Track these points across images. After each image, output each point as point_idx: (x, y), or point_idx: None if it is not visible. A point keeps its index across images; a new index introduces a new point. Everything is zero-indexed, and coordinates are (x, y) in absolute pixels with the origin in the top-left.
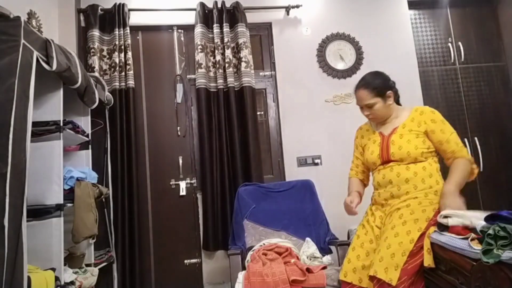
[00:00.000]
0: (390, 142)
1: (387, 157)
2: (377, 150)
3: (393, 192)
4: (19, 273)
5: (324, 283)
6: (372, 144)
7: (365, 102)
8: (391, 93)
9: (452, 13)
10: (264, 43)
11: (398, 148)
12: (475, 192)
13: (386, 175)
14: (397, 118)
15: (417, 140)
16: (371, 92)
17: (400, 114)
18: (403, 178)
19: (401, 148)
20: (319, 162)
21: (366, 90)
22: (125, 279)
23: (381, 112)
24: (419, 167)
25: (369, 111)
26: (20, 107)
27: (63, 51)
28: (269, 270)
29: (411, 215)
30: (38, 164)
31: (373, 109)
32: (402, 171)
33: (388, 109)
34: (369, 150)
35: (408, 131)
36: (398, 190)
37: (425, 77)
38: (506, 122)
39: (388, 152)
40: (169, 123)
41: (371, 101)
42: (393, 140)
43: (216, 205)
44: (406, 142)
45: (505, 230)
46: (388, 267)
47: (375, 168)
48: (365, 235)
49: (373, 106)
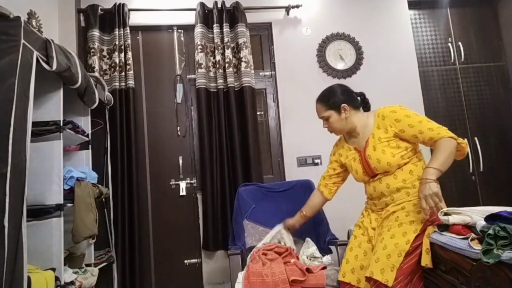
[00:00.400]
0: (367, 157)
1: (371, 172)
2: (360, 168)
3: (387, 202)
4: (19, 273)
5: (324, 283)
6: (353, 163)
7: (320, 115)
8: (346, 106)
9: (452, 13)
10: (264, 43)
11: (377, 161)
12: (475, 192)
13: (377, 187)
14: (367, 128)
15: (391, 147)
16: (324, 105)
17: (367, 122)
18: (393, 188)
19: (380, 161)
20: (319, 162)
21: (320, 103)
22: (125, 279)
23: (337, 125)
24: (405, 172)
25: (326, 124)
26: (20, 107)
27: (63, 51)
28: (269, 270)
29: (407, 217)
30: (38, 164)
31: (329, 122)
32: (391, 181)
33: (344, 122)
34: (353, 170)
35: (378, 140)
36: (392, 200)
37: (425, 77)
38: (506, 122)
39: (370, 167)
40: (169, 123)
41: (325, 114)
42: (369, 155)
43: (216, 205)
44: (381, 153)
45: (505, 230)
46: (384, 268)
47: (367, 184)
48: (362, 235)
49: (328, 119)
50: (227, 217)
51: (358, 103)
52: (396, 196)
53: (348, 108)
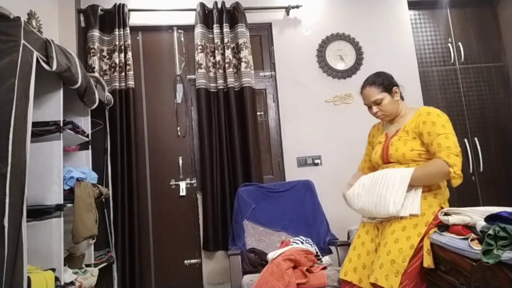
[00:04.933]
0: (389, 143)
1: (386, 158)
2: (379, 150)
3: None
4: (19, 274)
5: (325, 282)
6: (378, 144)
7: (373, 98)
8: (397, 89)
9: (452, 13)
10: (264, 44)
11: (395, 150)
12: (475, 192)
13: None
14: (403, 118)
15: (414, 142)
16: (377, 88)
17: (407, 114)
18: None
19: (398, 150)
20: (319, 162)
21: (373, 87)
22: (125, 279)
23: (389, 108)
24: None
25: (377, 108)
26: (20, 107)
27: (63, 52)
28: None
29: (410, 219)
30: (38, 164)
31: (381, 105)
32: None
33: (396, 105)
34: (374, 150)
35: (407, 133)
36: None
37: (425, 78)
38: (506, 122)
39: (388, 153)
40: (169, 123)
41: (379, 96)
42: (392, 142)
43: (216, 206)
44: (402, 144)
45: (505, 230)
46: (388, 274)
47: (378, 167)
48: (366, 234)
49: (381, 102)
50: (227, 218)
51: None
52: None
53: (398, 91)
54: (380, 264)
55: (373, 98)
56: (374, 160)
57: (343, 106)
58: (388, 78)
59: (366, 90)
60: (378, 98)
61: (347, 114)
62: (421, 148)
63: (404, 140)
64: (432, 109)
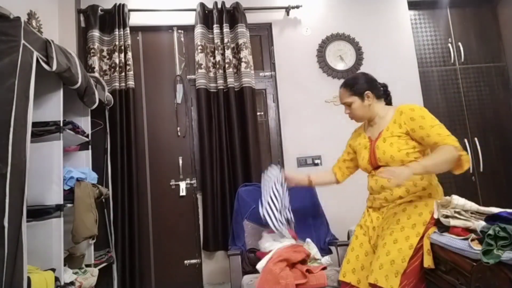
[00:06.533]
0: (375, 147)
1: (375, 162)
2: (366, 156)
3: (386, 196)
4: (19, 274)
5: (325, 282)
6: (363, 150)
7: (343, 100)
8: (369, 94)
9: (452, 13)
10: (264, 44)
11: (383, 153)
12: (475, 192)
13: (378, 180)
14: (383, 119)
15: (400, 142)
16: (348, 91)
17: (386, 114)
18: None
19: (385, 153)
20: (319, 163)
21: (344, 89)
22: (125, 280)
23: (359, 112)
24: None
25: (348, 110)
26: (20, 108)
27: (63, 52)
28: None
29: (408, 220)
30: (38, 165)
31: (351, 108)
32: None
33: (366, 109)
34: (361, 156)
35: (391, 134)
36: (391, 195)
37: (425, 78)
38: (506, 122)
39: (375, 157)
40: (169, 123)
41: (348, 99)
42: (378, 145)
43: (216, 206)
44: (389, 146)
45: (505, 230)
46: (388, 275)
47: (368, 173)
48: (364, 235)
49: (351, 105)
50: (227, 218)
51: (380, 93)
52: (396, 191)
53: (371, 96)
54: (380, 264)
55: (343, 100)
56: (363, 167)
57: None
58: (362, 82)
59: (339, 91)
60: (347, 101)
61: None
62: (408, 147)
63: (389, 142)
64: (413, 105)
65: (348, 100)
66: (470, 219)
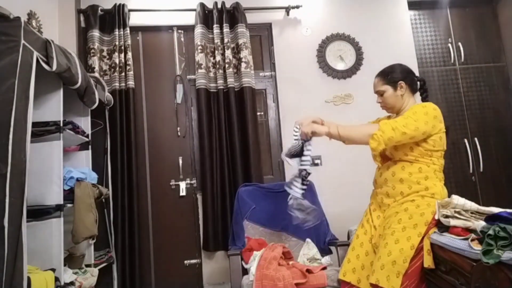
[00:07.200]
0: None
1: (383, 152)
2: None
3: (388, 191)
4: (19, 274)
5: (325, 282)
6: None
7: (376, 88)
8: (403, 84)
9: (452, 13)
10: (264, 44)
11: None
12: (475, 193)
13: (383, 173)
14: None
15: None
16: (382, 79)
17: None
18: (397, 177)
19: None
20: (319, 163)
21: (379, 77)
22: (125, 280)
23: (390, 101)
24: (415, 168)
25: (380, 99)
26: (20, 108)
27: (63, 52)
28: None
29: (410, 220)
30: (38, 165)
31: (383, 97)
32: (397, 171)
33: (397, 99)
34: None
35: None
36: (393, 189)
37: (425, 78)
38: (506, 122)
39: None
40: (169, 123)
41: (381, 88)
42: None
43: (216, 206)
44: None
45: (505, 230)
46: (390, 275)
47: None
48: (365, 234)
49: (383, 94)
50: (227, 218)
51: (416, 86)
52: (398, 186)
53: (404, 86)
54: (381, 265)
55: (376, 89)
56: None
57: (343, 106)
58: (397, 72)
59: (374, 80)
60: (380, 89)
61: (347, 114)
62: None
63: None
64: (428, 103)
65: (381, 88)
66: (470, 219)
